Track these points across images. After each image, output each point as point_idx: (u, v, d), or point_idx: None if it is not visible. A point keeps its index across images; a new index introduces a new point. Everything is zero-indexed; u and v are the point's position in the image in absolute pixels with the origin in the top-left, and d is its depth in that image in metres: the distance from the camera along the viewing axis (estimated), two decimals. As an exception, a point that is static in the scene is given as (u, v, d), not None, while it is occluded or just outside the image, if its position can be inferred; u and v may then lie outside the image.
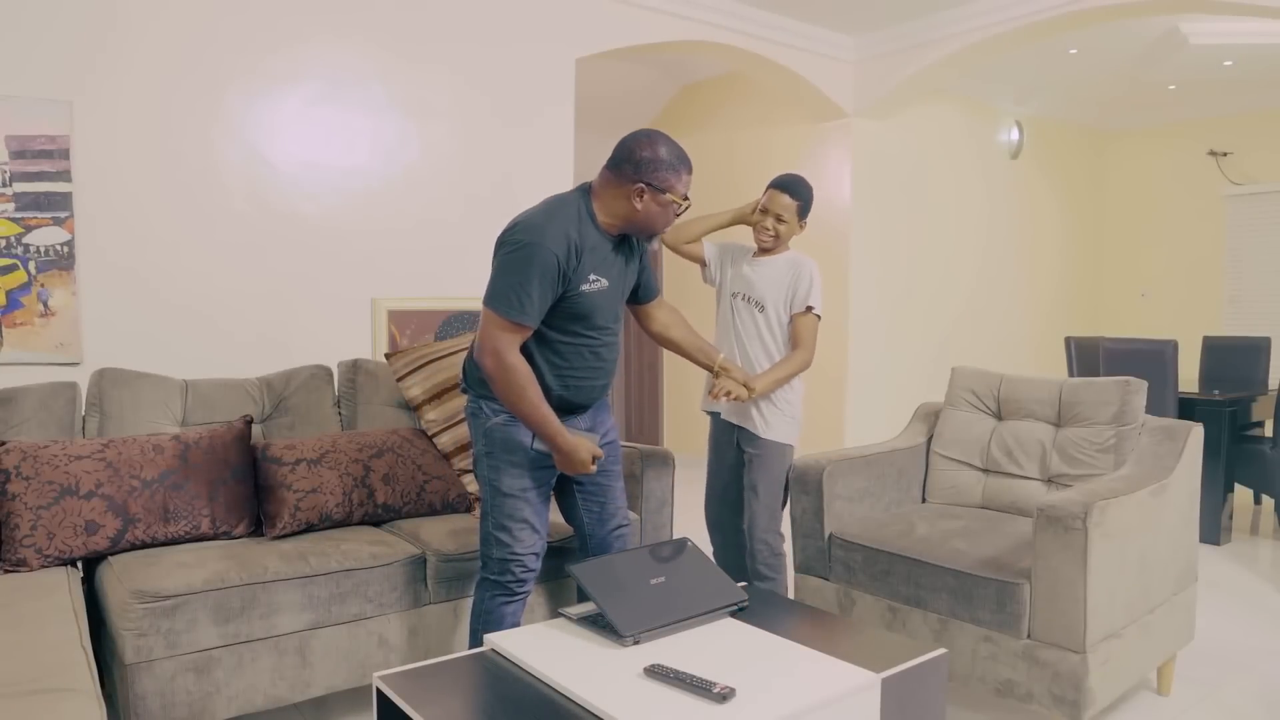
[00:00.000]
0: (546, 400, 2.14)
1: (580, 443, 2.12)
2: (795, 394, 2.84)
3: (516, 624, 2.25)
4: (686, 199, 2.16)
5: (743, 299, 2.87)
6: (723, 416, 2.92)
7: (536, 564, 2.26)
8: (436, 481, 2.86)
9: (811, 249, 5.70)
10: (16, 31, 2.90)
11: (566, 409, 2.23)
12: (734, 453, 2.92)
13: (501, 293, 2.04)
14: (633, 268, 2.30)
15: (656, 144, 2.11)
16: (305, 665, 2.31)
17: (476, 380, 2.24)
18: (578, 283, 2.10)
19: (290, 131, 3.45)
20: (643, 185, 2.10)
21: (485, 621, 2.25)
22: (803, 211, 2.83)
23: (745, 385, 2.62)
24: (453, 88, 3.86)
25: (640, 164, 2.10)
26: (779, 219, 2.80)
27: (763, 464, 2.80)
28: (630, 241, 2.26)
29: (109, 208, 3.09)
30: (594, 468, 2.15)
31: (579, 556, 2.44)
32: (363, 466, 2.73)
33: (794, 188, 2.80)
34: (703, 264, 3.01)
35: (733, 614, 2.02)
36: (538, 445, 2.18)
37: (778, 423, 2.79)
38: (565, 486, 2.37)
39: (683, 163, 2.14)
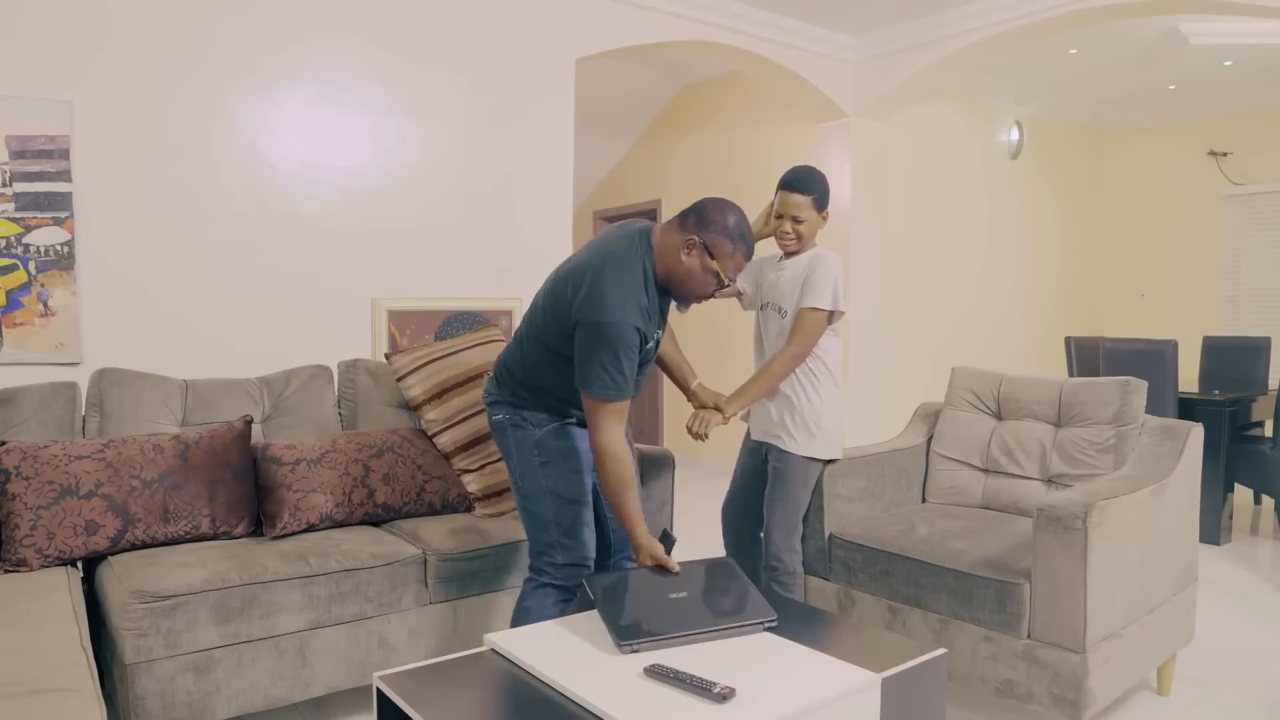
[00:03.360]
0: (557, 406, 2.23)
1: (654, 543, 2.08)
2: (819, 404, 2.63)
3: None
4: (731, 280, 2.14)
5: (772, 308, 2.71)
6: (751, 436, 2.79)
7: (592, 568, 2.28)
8: (436, 481, 2.86)
9: (811, 249, 5.71)
10: (16, 31, 2.90)
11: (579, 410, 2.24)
12: (758, 460, 2.79)
13: (599, 378, 2.02)
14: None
15: (729, 212, 2.10)
16: (305, 665, 2.31)
17: (515, 389, 2.24)
18: (651, 338, 2.14)
19: (290, 131, 3.45)
20: (696, 239, 2.08)
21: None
22: (819, 203, 2.63)
23: (716, 407, 2.52)
24: (453, 87, 3.86)
25: (705, 222, 2.08)
26: (796, 220, 2.61)
27: (782, 479, 2.65)
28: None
29: (109, 208, 3.09)
30: (673, 564, 2.05)
31: (602, 562, 2.40)
32: (363, 466, 2.73)
33: (804, 183, 2.61)
34: (739, 295, 2.83)
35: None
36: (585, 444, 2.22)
37: (801, 437, 2.63)
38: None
39: (743, 242, 2.11)
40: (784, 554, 2.64)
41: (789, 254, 2.69)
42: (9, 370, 2.91)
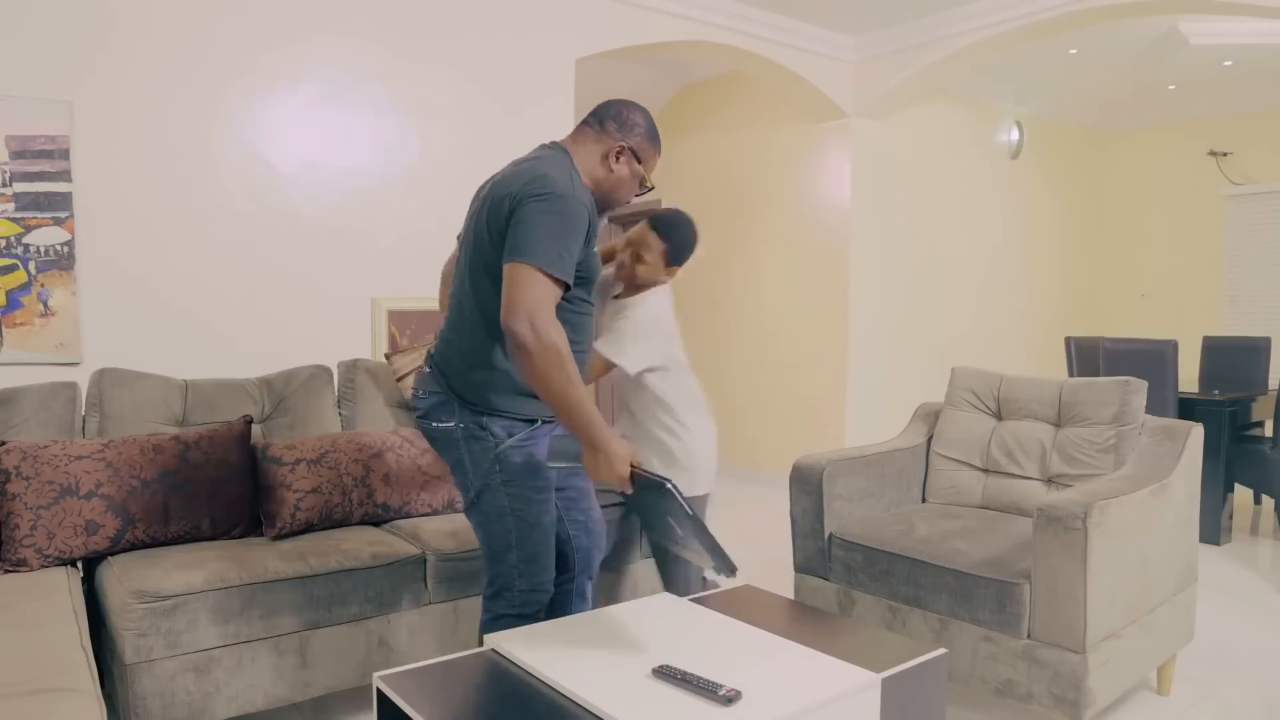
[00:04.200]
0: (519, 401, 1.92)
1: (626, 448, 1.78)
2: (690, 441, 2.46)
3: None
4: (652, 186, 2.05)
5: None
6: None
7: (551, 590, 2.06)
8: (437, 481, 2.86)
9: (812, 250, 5.72)
10: (17, 31, 2.90)
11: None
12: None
13: (545, 249, 1.74)
14: None
15: (642, 113, 2.00)
16: (305, 665, 2.31)
17: (473, 389, 1.92)
18: (592, 243, 1.90)
19: (290, 131, 3.45)
20: (625, 147, 1.96)
21: None
22: (672, 257, 2.39)
23: None
24: (453, 87, 3.86)
25: (627, 125, 1.97)
26: (638, 256, 2.38)
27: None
28: None
29: (109, 208, 3.09)
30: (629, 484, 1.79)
31: (557, 582, 2.14)
32: (363, 466, 2.73)
33: (666, 227, 2.38)
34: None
35: (732, 614, 2.01)
36: (553, 462, 1.85)
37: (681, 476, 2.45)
38: None
39: (658, 141, 2.02)
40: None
41: (626, 290, 2.48)
42: (9, 370, 2.91)
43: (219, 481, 2.53)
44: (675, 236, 2.39)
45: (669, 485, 1.67)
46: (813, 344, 5.76)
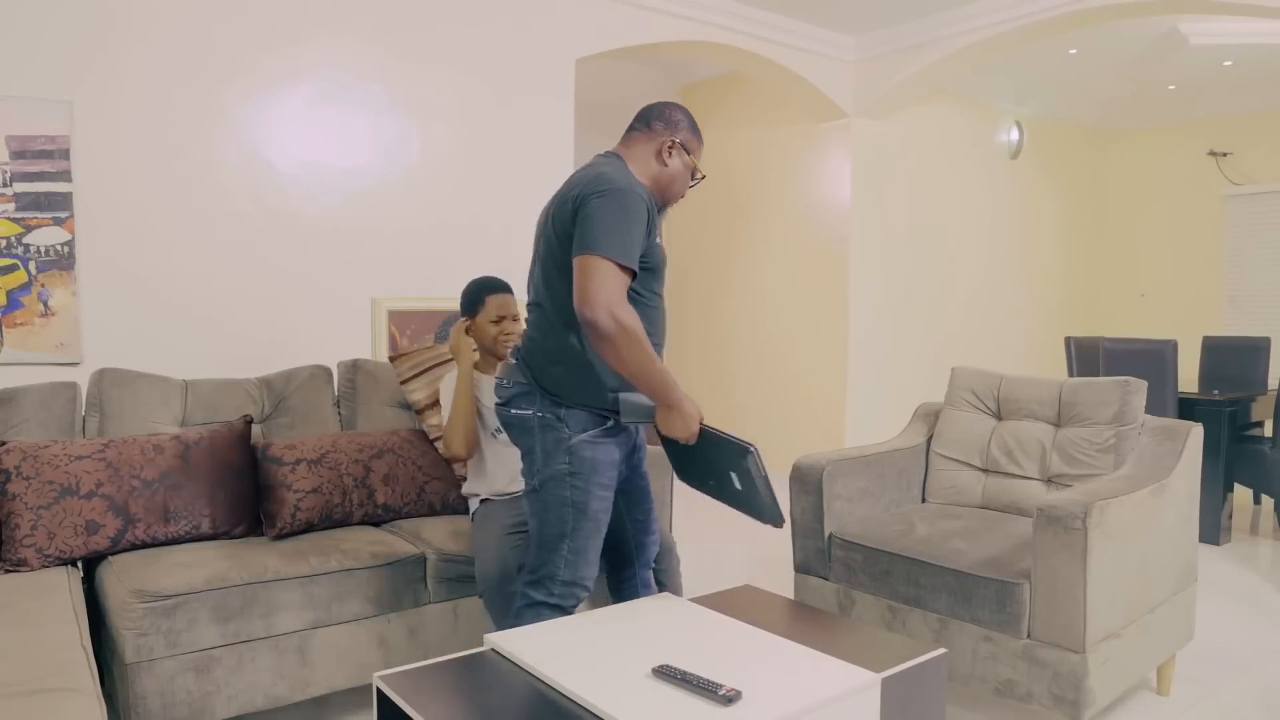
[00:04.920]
0: (615, 383, 2.01)
1: (696, 408, 1.95)
2: None
3: None
4: (704, 175, 2.18)
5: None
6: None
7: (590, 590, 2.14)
8: (436, 482, 2.86)
9: (812, 250, 5.72)
10: (17, 31, 2.90)
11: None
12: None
13: (611, 240, 1.84)
14: None
15: (683, 110, 2.14)
16: (305, 665, 2.31)
17: (553, 381, 2.02)
18: (654, 234, 2.02)
19: (290, 131, 3.45)
20: (674, 141, 2.08)
21: None
22: (464, 311, 2.65)
23: None
24: (453, 87, 3.86)
25: (672, 122, 2.10)
26: (515, 317, 2.61)
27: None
28: None
29: (109, 208, 3.09)
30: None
31: (621, 575, 2.28)
32: (363, 466, 2.73)
33: (502, 282, 2.64)
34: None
35: (732, 614, 2.02)
36: (625, 419, 2.00)
37: None
38: None
39: (700, 135, 2.16)
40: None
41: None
42: (9, 370, 2.91)
43: (219, 481, 2.53)
44: (463, 303, 2.63)
45: (751, 449, 1.89)
46: (813, 344, 5.76)
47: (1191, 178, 7.16)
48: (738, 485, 1.97)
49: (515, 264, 4.04)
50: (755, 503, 1.95)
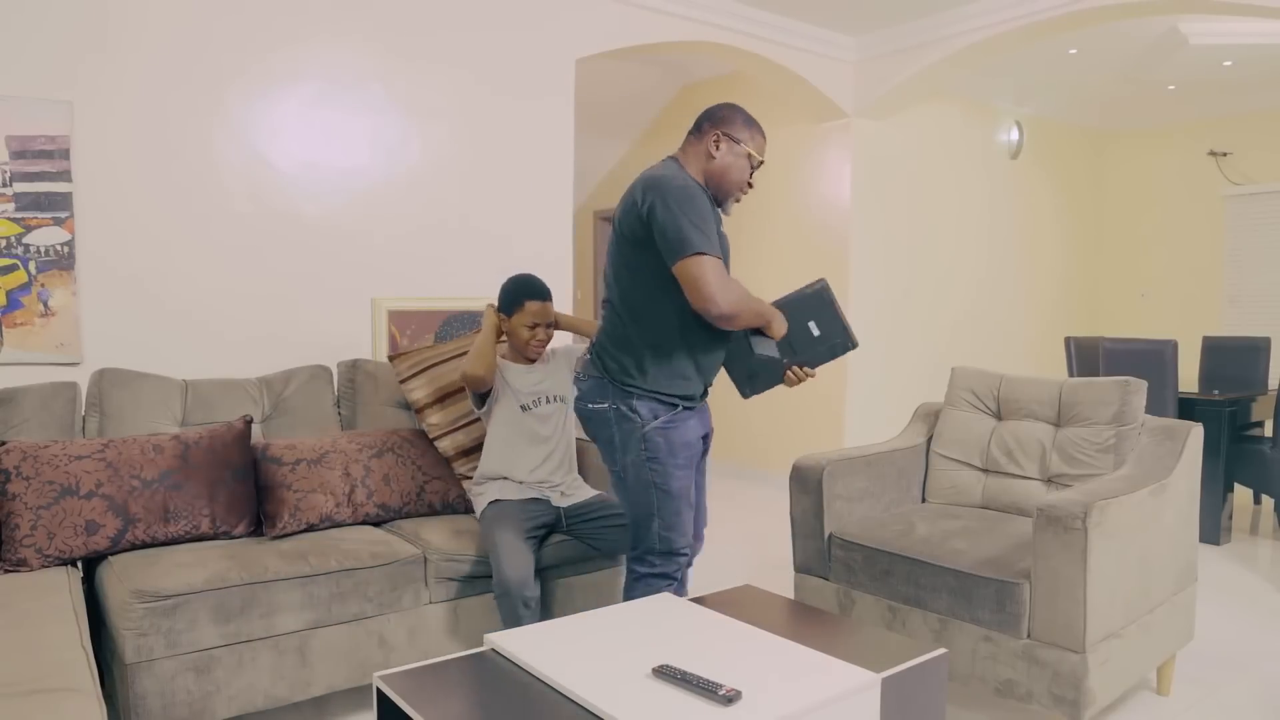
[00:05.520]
0: (683, 374, 2.23)
1: (778, 314, 2.26)
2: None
3: None
4: (762, 160, 2.29)
5: (546, 400, 2.76)
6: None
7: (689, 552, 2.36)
8: (436, 482, 2.87)
9: (811, 250, 5.72)
10: (16, 31, 2.90)
11: (702, 382, 2.30)
12: None
13: (690, 237, 2.07)
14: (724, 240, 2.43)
15: (734, 105, 2.30)
16: (305, 665, 2.31)
17: (624, 373, 2.22)
18: (716, 227, 2.21)
19: (290, 131, 3.45)
20: (720, 133, 2.23)
21: None
22: (502, 309, 2.78)
23: None
24: (453, 87, 3.86)
25: (718, 119, 2.25)
26: (549, 325, 2.76)
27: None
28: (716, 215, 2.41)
29: (109, 208, 3.09)
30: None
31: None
32: (363, 466, 2.73)
33: (545, 287, 2.75)
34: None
35: (732, 614, 2.02)
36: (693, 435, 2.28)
37: None
38: None
39: (757, 125, 2.29)
40: None
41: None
42: (9, 370, 2.91)
43: (219, 481, 2.53)
44: (501, 298, 2.73)
45: (824, 280, 2.30)
46: (813, 344, 5.74)
47: (1191, 178, 7.16)
48: (816, 332, 2.30)
49: (516, 264, 4.04)
50: (837, 330, 2.29)
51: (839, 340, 2.29)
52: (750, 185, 2.30)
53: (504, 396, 2.73)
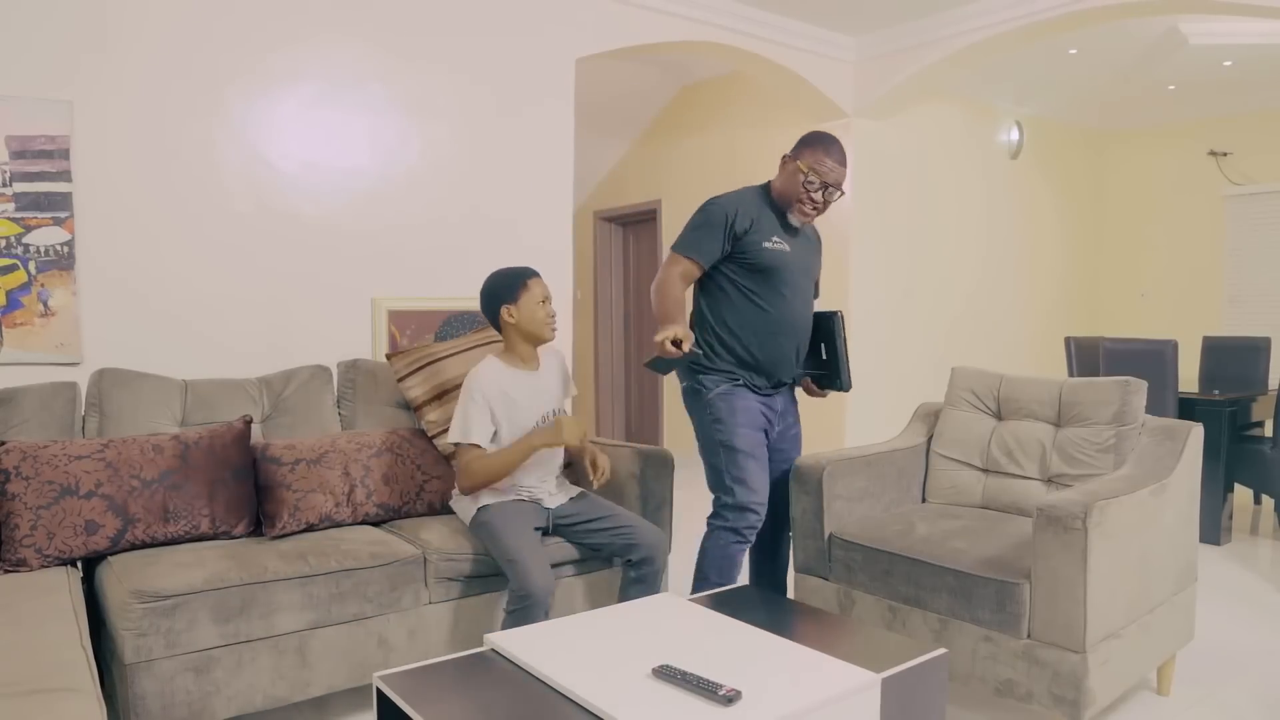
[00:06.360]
0: (745, 360, 2.64)
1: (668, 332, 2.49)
2: None
3: (740, 570, 2.70)
4: (816, 174, 2.54)
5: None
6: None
7: (763, 517, 2.65)
8: (436, 481, 2.86)
9: (811, 249, 5.71)
10: (16, 31, 2.90)
11: (762, 373, 2.67)
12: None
13: (682, 237, 2.63)
14: (814, 257, 2.84)
15: (813, 131, 2.63)
16: (305, 665, 2.31)
17: (696, 358, 2.62)
18: (758, 240, 2.58)
19: (290, 131, 3.45)
20: (784, 156, 2.63)
21: (720, 564, 2.62)
22: (485, 311, 2.71)
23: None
24: (453, 87, 3.85)
25: (797, 146, 2.63)
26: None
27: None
28: (807, 233, 2.79)
29: (109, 208, 3.09)
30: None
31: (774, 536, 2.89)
32: (363, 466, 2.73)
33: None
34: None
35: (732, 614, 2.02)
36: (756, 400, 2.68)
37: None
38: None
39: (823, 144, 2.57)
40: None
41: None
42: (9, 370, 2.91)
43: (219, 481, 2.53)
44: (498, 293, 2.62)
45: (839, 314, 2.80)
46: (813, 344, 5.75)
47: (1191, 178, 7.16)
48: (823, 356, 2.81)
49: (516, 262, 4.02)
50: (837, 366, 2.77)
51: (831, 374, 2.79)
52: (813, 199, 2.58)
53: (506, 427, 2.60)
